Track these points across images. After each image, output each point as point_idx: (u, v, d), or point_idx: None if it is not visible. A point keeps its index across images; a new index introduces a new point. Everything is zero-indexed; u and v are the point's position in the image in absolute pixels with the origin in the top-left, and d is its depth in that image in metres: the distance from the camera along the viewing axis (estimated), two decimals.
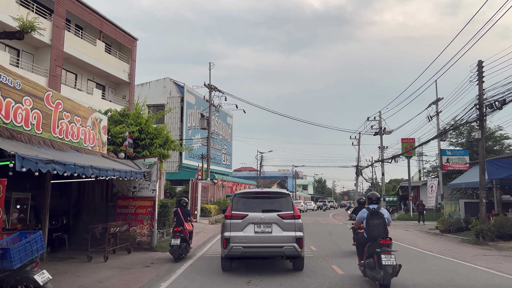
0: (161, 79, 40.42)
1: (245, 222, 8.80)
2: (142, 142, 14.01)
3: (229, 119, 51.89)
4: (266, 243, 8.70)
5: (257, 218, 8.82)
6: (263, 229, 8.79)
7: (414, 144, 38.78)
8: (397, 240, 16.99)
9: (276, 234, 8.74)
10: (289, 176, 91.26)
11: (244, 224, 8.80)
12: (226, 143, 50.73)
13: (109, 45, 29.86)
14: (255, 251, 8.76)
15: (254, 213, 8.87)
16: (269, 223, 8.82)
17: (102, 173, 8.23)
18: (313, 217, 38.25)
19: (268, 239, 8.71)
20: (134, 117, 14.17)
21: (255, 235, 8.73)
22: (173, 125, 38.85)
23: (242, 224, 8.80)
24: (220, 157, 48.24)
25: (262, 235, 8.75)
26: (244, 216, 8.84)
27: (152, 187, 12.79)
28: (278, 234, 8.73)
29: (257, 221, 8.82)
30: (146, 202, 12.79)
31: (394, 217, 39.27)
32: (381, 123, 38.70)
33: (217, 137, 47.16)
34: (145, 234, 12.73)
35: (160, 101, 39.59)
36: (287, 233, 8.74)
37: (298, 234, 8.77)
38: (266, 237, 8.73)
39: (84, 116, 10.25)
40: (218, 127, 47.67)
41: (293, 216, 8.92)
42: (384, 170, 39.06)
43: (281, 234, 8.74)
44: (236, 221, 8.85)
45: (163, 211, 15.22)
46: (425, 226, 25.79)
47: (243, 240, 8.68)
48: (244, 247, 8.65)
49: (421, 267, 10.23)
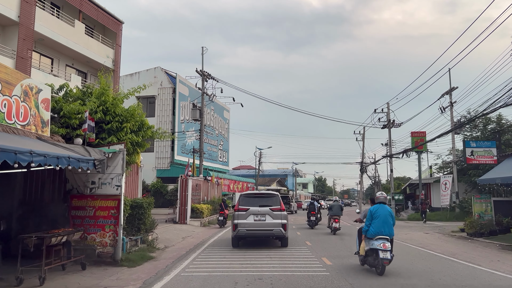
0: (151, 69, 37.44)
1: (247, 213, 12.77)
2: (108, 125, 11.06)
3: (225, 113, 48.92)
4: (262, 228, 12.73)
5: (256, 211, 12.82)
6: (260, 218, 12.79)
7: (425, 138, 35.85)
8: (425, 246, 14.05)
9: (268, 221, 12.75)
10: (288, 174, 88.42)
11: (247, 215, 12.77)
12: (223, 138, 47.76)
13: (91, 28, 26.85)
14: (255, 233, 12.86)
15: (254, 207, 12.89)
16: (263, 214, 12.81)
17: (4, 156, 5.27)
18: None
19: (263, 225, 12.73)
20: (98, 94, 11.22)
21: (254, 222, 12.72)
22: (164, 118, 35.89)
23: (245, 214, 12.76)
24: (216, 154, 45.27)
25: (259, 222, 12.74)
26: (247, 209, 12.82)
27: (116, 183, 9.83)
28: (270, 221, 12.75)
29: (255, 213, 12.80)
30: (108, 202, 9.84)
31: (403, 216, 36.35)
32: (389, 116, 35.75)
33: (212, 132, 44.20)
34: (107, 244, 9.77)
35: (150, 93, 36.56)
36: (276, 221, 12.74)
37: (283, 221, 12.83)
38: (262, 223, 12.74)
39: (7, 81, 7.30)
40: (214, 122, 44.70)
41: (280, 209, 13.00)
42: (392, 166, 36.13)
43: (272, 221, 12.75)
44: (241, 212, 12.80)
45: (138, 213, 12.27)
46: (442, 228, 22.88)
47: (246, 225, 12.65)
48: (247, 230, 12.66)
49: None
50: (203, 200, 25.67)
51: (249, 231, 12.72)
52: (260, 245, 13.54)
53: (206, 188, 27.15)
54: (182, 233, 18.07)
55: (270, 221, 12.76)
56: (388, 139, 35.92)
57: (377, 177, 77.96)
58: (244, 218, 12.72)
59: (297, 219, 31.51)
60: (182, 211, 22.07)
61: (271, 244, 13.91)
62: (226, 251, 12.53)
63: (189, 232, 18.56)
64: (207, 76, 27.32)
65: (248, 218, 12.73)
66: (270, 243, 13.91)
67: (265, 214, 12.80)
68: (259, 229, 12.75)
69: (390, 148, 35.84)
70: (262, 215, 12.79)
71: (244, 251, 12.32)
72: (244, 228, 12.63)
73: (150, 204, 12.85)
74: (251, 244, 13.66)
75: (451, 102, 32.36)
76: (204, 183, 26.68)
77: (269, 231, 12.77)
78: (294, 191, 79.50)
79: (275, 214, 12.83)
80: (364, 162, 46.76)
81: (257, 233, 12.88)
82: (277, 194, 14.01)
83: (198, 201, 24.45)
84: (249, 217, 12.74)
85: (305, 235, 17.89)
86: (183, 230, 19.04)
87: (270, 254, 11.70)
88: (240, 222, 12.67)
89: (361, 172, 47.71)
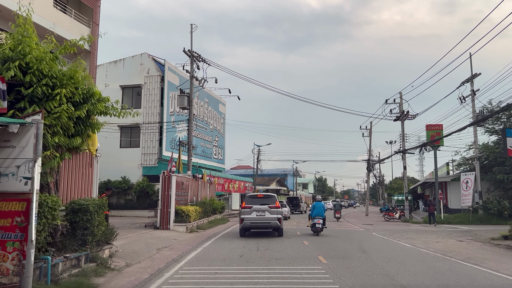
0: (137, 55, 33.69)
1: (251, 210, 16.57)
2: (29, 90, 7.42)
3: (221, 107, 45.20)
4: (262, 221, 16.60)
5: (258, 208, 16.60)
6: (261, 213, 16.57)
7: (442, 132, 32.24)
8: (479, 263, 10.31)
9: (267, 216, 16.57)
10: (288, 173, 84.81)
11: (251, 211, 16.56)
12: (218, 134, 44.06)
13: (64, 3, 23.21)
14: (257, 224, 16.75)
15: (256, 205, 16.69)
16: (264, 210, 16.59)
17: None
18: None
19: (263, 219, 16.58)
20: (14, 43, 7.58)
21: (257, 216, 16.53)
22: (151, 109, 32.17)
23: (250, 211, 16.56)
24: (211, 150, 41.56)
25: (260, 216, 16.54)
26: (251, 207, 16.62)
27: (24, 174, 6.16)
28: (268, 216, 16.57)
29: (257, 209, 16.58)
30: (10, 204, 6.17)
31: (416, 219, 32.68)
32: (402, 107, 32.09)
33: (206, 127, 40.51)
34: (9, 271, 6.10)
35: (136, 81, 32.91)
36: (273, 215, 16.58)
37: (278, 216, 16.69)
38: (262, 217, 16.55)
39: None
40: (208, 115, 41.01)
41: (276, 207, 16.73)
42: (406, 163, 32.45)
43: (270, 216, 16.57)
44: (247, 209, 16.61)
45: (82, 220, 8.58)
46: (473, 234, 19.24)
47: (251, 219, 16.53)
48: (251, 223, 16.59)
49: None
50: (191, 201, 22.00)
51: (253, 223, 16.54)
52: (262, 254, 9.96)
53: (195, 188, 23.47)
54: (159, 242, 14.40)
55: (268, 216, 16.46)
56: (401, 132, 32.27)
57: (381, 176, 74.44)
58: (249, 214, 16.43)
59: (301, 222, 27.81)
60: (164, 214, 18.40)
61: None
62: (213, 270, 8.88)
63: (169, 241, 14.88)
64: (197, 57, 23.64)
65: (251, 214, 16.43)
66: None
67: (264, 211, 16.44)
68: (260, 222, 16.49)
69: (404, 143, 32.20)
70: (263, 211, 16.42)
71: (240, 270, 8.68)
72: (249, 221, 16.43)
73: (102, 207, 9.15)
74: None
75: (473, 91, 28.74)
76: (193, 181, 23.01)
77: (268, 223, 16.58)
78: (295, 191, 75.84)
79: (272, 211, 16.55)
80: (372, 160, 43.08)
81: (259, 224, 16.64)
82: (274, 195, 18.01)
83: (185, 202, 20.79)
84: (253, 213, 16.43)
85: None
86: (162, 239, 15.38)
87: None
88: (246, 216, 16.42)
89: (367, 170, 44.06)
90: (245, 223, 16.45)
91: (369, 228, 23.74)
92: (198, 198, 24.20)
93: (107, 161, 33.24)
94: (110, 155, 32.54)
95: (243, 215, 16.51)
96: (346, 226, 26.00)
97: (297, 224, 25.27)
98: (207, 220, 23.23)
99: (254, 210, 16.47)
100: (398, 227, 24.48)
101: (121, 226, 19.55)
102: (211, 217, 24.85)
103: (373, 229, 22.35)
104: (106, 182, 31.44)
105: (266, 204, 16.61)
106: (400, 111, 31.85)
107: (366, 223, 28.63)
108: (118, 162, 31.89)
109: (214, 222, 24.25)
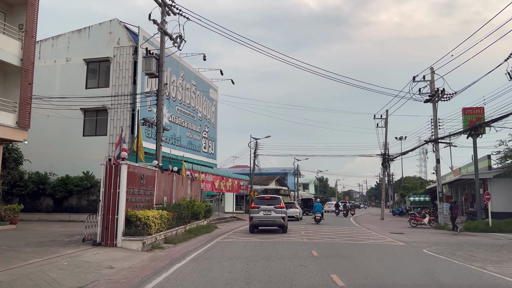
0: (105, 22, 27.25)
1: (259, 210, 18.86)
2: None
3: (212, 93, 38.81)
4: (269, 219, 18.81)
5: (265, 208, 18.89)
6: (267, 213, 18.75)
7: (483, 117, 25.94)
8: None
9: (273, 215, 18.75)
10: (289, 172, 78.43)
11: (259, 211, 18.84)
12: (209, 124, 37.66)
13: None
14: (264, 222, 19.02)
15: (263, 206, 19.01)
16: (270, 210, 18.83)
17: None
18: (334, 228, 25.33)
19: (269, 217, 18.76)
20: None
21: (264, 215, 18.73)
22: (122, 88, 25.73)
23: (258, 210, 18.87)
24: (199, 142, 35.14)
25: (267, 215, 18.73)
26: (259, 207, 18.97)
27: None
28: (274, 215, 18.74)
29: (264, 209, 18.85)
30: None
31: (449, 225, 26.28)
32: (434, 85, 25.76)
33: (194, 114, 34.11)
34: None
35: (104, 53, 26.53)
36: (278, 214, 18.75)
37: (283, 215, 18.83)
38: (269, 216, 18.73)
39: None
40: (196, 101, 34.62)
41: (280, 207, 19.01)
42: (439, 155, 26.08)
43: (275, 215, 18.74)
44: (255, 209, 18.97)
45: None
46: None
47: (259, 218, 18.76)
48: (259, 220, 18.83)
49: None
50: (159, 203, 15.62)
51: (260, 221, 18.96)
52: None
53: (167, 184, 17.08)
54: (72, 278, 8.02)
55: (274, 215, 18.79)
56: (433, 116, 25.89)
57: (391, 175, 68.05)
58: (257, 213, 18.85)
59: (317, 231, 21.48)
60: (107, 223, 12.01)
61: None
62: None
63: (95, 274, 8.49)
64: (170, 5, 17.20)
65: (259, 213, 18.81)
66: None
67: (271, 210, 18.79)
68: (267, 220, 18.90)
69: (436, 130, 25.83)
70: (269, 211, 18.79)
71: None
72: (257, 219, 18.85)
73: None
74: None
75: None
76: (164, 176, 16.65)
77: (273, 221, 18.96)
78: (295, 191, 69.45)
79: (277, 210, 18.86)
80: (388, 155, 36.72)
81: (266, 222, 19.05)
82: (279, 197, 20.68)
83: (149, 204, 14.41)
84: (260, 212, 18.82)
85: None
86: (85, 268, 8.98)
87: None
88: (254, 215, 18.85)
89: (383, 166, 37.67)
90: (253, 221, 18.88)
91: (404, 239, 17.39)
92: (172, 199, 17.82)
93: (66, 153, 26.85)
94: (70, 146, 26.02)
95: (252, 214, 18.97)
96: (369, 234, 19.65)
97: (312, 233, 18.97)
98: (183, 229, 16.87)
99: (261, 209, 18.86)
100: (444, 238, 18.15)
101: (47, 239, 13.28)
102: (191, 225, 18.50)
103: (412, 242, 16.01)
104: (64, 178, 25.08)
105: (272, 205, 19.05)
106: (432, 90, 25.51)
107: (392, 231, 22.29)
108: (80, 154, 25.57)
109: (195, 231, 17.90)
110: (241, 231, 20.69)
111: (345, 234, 19.67)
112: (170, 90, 29.26)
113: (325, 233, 19.86)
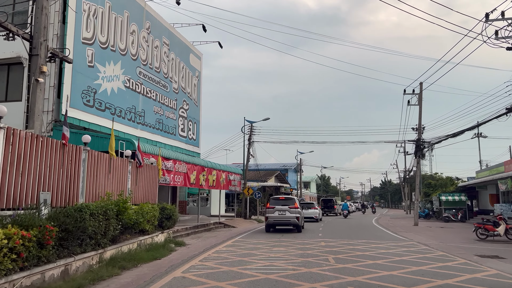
0: None
1: (274, 210, 20.08)
2: None
3: (194, 60, 29.97)
4: (284, 219, 20.04)
5: (279, 208, 20.05)
6: (282, 213, 19.96)
7: None
8: None
9: (288, 215, 19.96)
10: (289, 169, 69.80)
11: (274, 211, 20.05)
12: (189, 100, 28.85)
13: None
14: (279, 222, 20.20)
15: (278, 206, 20.19)
16: (284, 210, 19.97)
17: None
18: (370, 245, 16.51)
19: (284, 217, 19.99)
20: None
21: (279, 215, 19.98)
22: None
23: (273, 210, 20.09)
24: (174, 123, 26.33)
25: (282, 215, 19.97)
26: (274, 207, 20.16)
27: None
28: (289, 215, 19.95)
29: (279, 209, 20.01)
30: None
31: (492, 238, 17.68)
32: None
33: (166, 84, 25.30)
34: None
35: None
36: (292, 214, 19.95)
37: (297, 215, 19.98)
38: (283, 216, 19.97)
39: None
40: (169, 66, 25.83)
41: (295, 207, 20.15)
42: None
43: (290, 215, 19.94)
44: (271, 209, 20.20)
45: None
46: None
47: (274, 217, 20.06)
48: (274, 220, 20.12)
49: None
50: (20, 205, 6.85)
51: (275, 221, 20.11)
52: None
53: (57, 168, 8.34)
54: None
55: (288, 215, 19.95)
56: None
57: (407, 171, 59.32)
58: (272, 213, 20.09)
59: None
60: None
61: None
62: None
63: None
64: None
65: (275, 213, 20.06)
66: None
67: (285, 210, 19.99)
68: (282, 220, 20.03)
69: None
70: (284, 211, 19.99)
71: None
72: (272, 219, 20.08)
73: None
74: None
75: None
76: (46, 150, 7.89)
77: (288, 221, 20.09)
78: (298, 189, 60.66)
79: (292, 211, 20.04)
80: (424, 140, 28.02)
81: (281, 222, 20.14)
82: (294, 197, 22.05)
83: None
84: (275, 212, 20.06)
85: None
86: None
87: None
88: (270, 215, 20.16)
89: (416, 155, 28.98)
90: (269, 221, 20.24)
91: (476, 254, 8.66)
92: (78, 197, 9.08)
93: None
94: None
95: (267, 214, 20.36)
96: (439, 259, 10.83)
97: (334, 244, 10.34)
98: (88, 260, 8.12)
99: (276, 210, 20.11)
100: None
101: None
102: (120, 246, 9.77)
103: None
104: None
105: (287, 205, 20.26)
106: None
107: (467, 248, 13.63)
108: None
109: (124, 259, 9.20)
110: (224, 251, 12.08)
111: (395, 260, 10.93)
112: (126, 41, 20.48)
113: (360, 258, 11.14)
